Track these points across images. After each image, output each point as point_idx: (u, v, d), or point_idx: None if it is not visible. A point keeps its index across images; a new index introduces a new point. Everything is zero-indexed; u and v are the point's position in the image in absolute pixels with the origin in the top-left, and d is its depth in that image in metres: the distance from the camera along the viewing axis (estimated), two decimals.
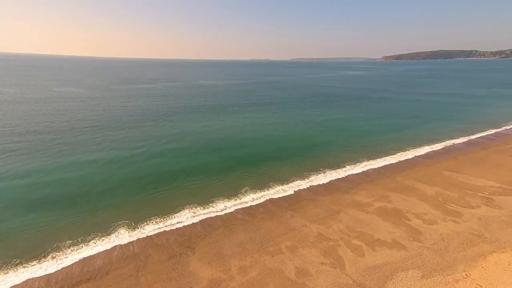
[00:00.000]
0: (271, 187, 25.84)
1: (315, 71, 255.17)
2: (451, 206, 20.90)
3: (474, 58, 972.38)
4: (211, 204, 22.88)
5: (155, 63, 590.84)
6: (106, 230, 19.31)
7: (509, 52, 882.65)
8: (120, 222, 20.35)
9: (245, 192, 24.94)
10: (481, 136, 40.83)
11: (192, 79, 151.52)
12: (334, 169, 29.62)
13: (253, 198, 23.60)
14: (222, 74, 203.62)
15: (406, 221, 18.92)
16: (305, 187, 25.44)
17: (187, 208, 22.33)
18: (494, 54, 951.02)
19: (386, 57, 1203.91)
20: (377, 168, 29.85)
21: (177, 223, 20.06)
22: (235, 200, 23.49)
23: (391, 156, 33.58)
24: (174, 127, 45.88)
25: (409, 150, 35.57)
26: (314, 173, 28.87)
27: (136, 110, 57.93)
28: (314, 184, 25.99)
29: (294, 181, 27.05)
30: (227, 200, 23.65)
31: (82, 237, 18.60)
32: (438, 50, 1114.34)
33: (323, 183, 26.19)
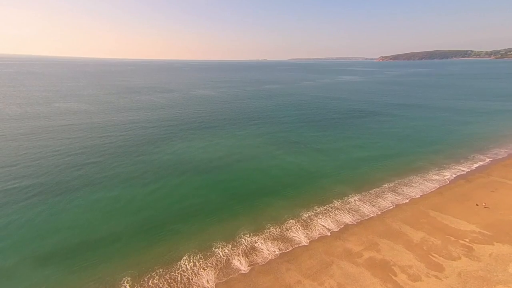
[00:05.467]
0: (266, 229, 27.37)
1: (311, 77, 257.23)
2: (434, 257, 22.56)
3: (470, 58, 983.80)
4: (209, 250, 24.28)
5: (150, 65, 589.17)
6: (112, 285, 20.62)
7: (504, 52, 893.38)
8: (124, 274, 21.69)
9: (242, 234, 26.44)
10: (467, 165, 42.54)
11: (189, 88, 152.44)
12: (324, 206, 31.34)
13: (249, 244, 25.02)
14: (218, 81, 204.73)
15: (392, 277, 20.53)
16: (299, 231, 26.90)
17: (187, 254, 23.75)
18: (489, 54, 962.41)
19: (383, 57, 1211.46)
20: (366, 205, 31.46)
21: (179, 275, 21.50)
22: (232, 246, 24.85)
23: (378, 187, 35.52)
24: (172, 153, 47.09)
25: (395, 180, 37.39)
26: (305, 210, 30.58)
27: (135, 134, 58.97)
28: (307, 227, 27.46)
29: (288, 220, 28.64)
30: (224, 244, 25.10)
31: None
32: (434, 51, 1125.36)
33: (316, 225, 27.70)
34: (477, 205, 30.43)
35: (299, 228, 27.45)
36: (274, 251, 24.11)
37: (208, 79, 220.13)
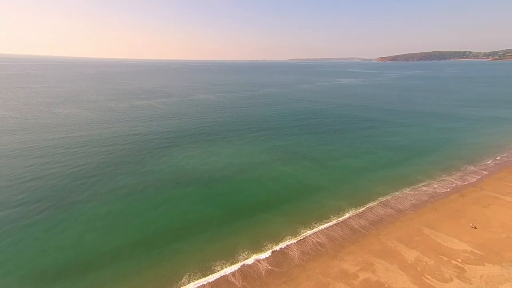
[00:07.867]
0: (264, 247, 28.12)
1: (310, 79, 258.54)
2: (427, 278, 23.34)
3: (468, 59, 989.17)
4: (209, 270, 25.00)
5: (149, 65, 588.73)
6: None
7: (502, 53, 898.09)
8: None
9: (241, 253, 27.18)
10: (461, 178, 43.51)
11: (188, 92, 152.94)
12: (321, 222, 32.25)
13: (248, 264, 25.68)
14: (218, 84, 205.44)
15: None
16: (296, 250, 27.59)
17: (187, 274, 24.48)
18: (487, 55, 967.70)
19: (382, 58, 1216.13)
20: (362, 221, 32.28)
21: None
22: (231, 265, 25.57)
23: (374, 201, 36.56)
24: (174, 166, 47.66)
25: (390, 194, 38.43)
26: (303, 226, 31.48)
27: (136, 145, 59.36)
28: (304, 245, 28.21)
29: (286, 238, 29.50)
30: (223, 263, 25.90)
31: None
32: (433, 51, 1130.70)
33: (313, 243, 28.47)
34: (473, 226, 31.18)
35: (296, 246, 28.16)
36: (272, 271, 24.81)
37: (207, 82, 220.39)
